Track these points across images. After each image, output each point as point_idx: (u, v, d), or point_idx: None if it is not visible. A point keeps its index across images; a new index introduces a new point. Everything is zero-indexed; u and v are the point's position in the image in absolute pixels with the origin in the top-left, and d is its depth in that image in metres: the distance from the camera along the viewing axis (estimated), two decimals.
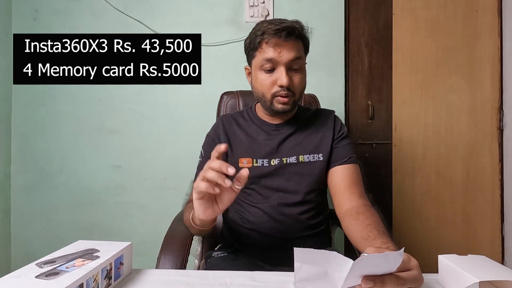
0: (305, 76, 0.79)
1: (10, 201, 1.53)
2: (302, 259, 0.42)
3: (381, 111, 1.51)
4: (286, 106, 0.77)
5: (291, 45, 0.74)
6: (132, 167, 1.51)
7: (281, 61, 0.73)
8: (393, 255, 0.39)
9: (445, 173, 1.49)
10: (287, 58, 0.73)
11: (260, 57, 0.75)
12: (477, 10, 1.48)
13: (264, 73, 0.76)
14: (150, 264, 0.67)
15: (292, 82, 0.75)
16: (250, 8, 1.47)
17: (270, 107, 0.78)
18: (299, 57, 0.75)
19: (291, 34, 0.73)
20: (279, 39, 0.72)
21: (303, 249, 0.41)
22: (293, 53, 0.74)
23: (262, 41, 0.74)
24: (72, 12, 1.51)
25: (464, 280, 0.43)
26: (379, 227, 0.63)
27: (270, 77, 0.76)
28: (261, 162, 0.79)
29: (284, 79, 0.73)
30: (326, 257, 0.41)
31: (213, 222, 0.66)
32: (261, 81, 0.77)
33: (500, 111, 1.48)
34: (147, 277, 0.54)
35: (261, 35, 0.74)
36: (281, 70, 0.74)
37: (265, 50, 0.74)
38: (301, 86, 0.78)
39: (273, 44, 0.73)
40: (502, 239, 1.48)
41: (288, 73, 0.74)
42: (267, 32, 0.73)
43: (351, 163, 0.79)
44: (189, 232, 0.75)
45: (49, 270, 0.43)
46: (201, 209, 0.55)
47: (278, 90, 0.75)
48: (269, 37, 0.73)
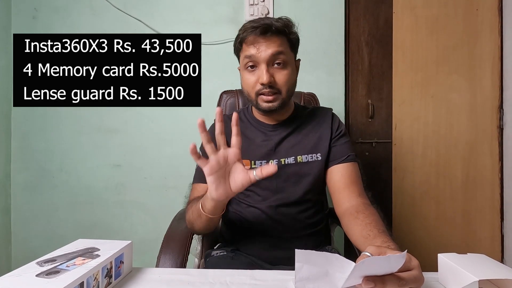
0: (292, 72, 0.77)
1: (10, 200, 1.53)
2: (303, 260, 0.42)
3: (381, 110, 1.51)
4: (272, 104, 0.76)
5: (270, 41, 0.73)
6: (132, 166, 1.51)
7: (260, 57, 0.73)
8: (395, 257, 0.39)
9: (445, 171, 1.49)
10: (266, 54, 0.73)
11: (243, 55, 0.76)
12: (478, 9, 1.47)
13: (248, 72, 0.76)
14: (150, 262, 0.67)
15: (275, 79, 0.74)
16: (250, 6, 1.46)
17: (257, 106, 0.78)
18: (280, 52, 0.73)
19: (267, 30, 0.72)
20: (256, 36, 0.73)
21: (304, 251, 0.41)
22: (272, 48, 0.73)
23: (242, 40, 0.75)
24: (71, 11, 1.51)
25: (464, 279, 0.43)
26: (379, 225, 0.63)
27: (253, 75, 0.75)
28: (259, 163, 0.78)
29: (264, 76, 0.73)
30: (328, 259, 0.41)
31: (223, 209, 0.66)
32: (246, 80, 0.77)
33: (500, 110, 1.48)
34: (147, 275, 0.54)
35: (242, 34, 0.75)
36: (262, 67, 0.74)
37: (245, 48, 0.75)
38: (288, 83, 0.76)
39: (251, 41, 0.74)
40: (501, 238, 1.48)
41: (270, 70, 0.74)
42: (246, 31, 0.74)
43: (350, 161, 0.78)
44: (189, 231, 0.75)
45: (50, 269, 0.43)
46: (213, 186, 0.56)
47: (261, 88, 0.75)
48: (247, 35, 0.74)
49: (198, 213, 0.67)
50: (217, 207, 0.63)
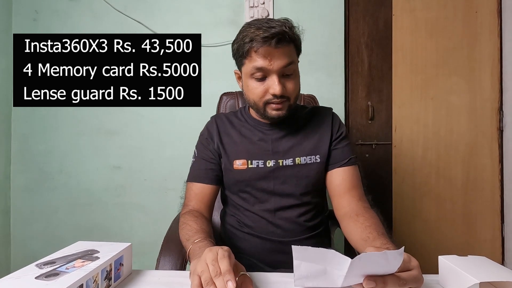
0: (298, 79, 0.76)
1: (10, 201, 1.52)
2: (301, 257, 0.43)
3: (381, 111, 1.51)
4: (281, 112, 0.74)
5: (282, 52, 0.69)
6: (132, 168, 1.51)
7: (272, 69, 0.69)
8: (392, 254, 0.39)
9: (445, 173, 1.49)
10: (279, 66, 0.69)
11: (250, 65, 0.71)
12: (477, 11, 1.48)
13: (255, 81, 0.72)
14: (150, 265, 0.67)
15: (286, 88, 0.72)
16: (250, 9, 1.47)
17: (264, 113, 0.75)
18: (291, 62, 0.71)
19: (282, 40, 0.68)
20: (269, 47, 0.67)
21: (301, 247, 0.42)
22: (285, 60, 0.69)
23: (250, 49, 0.69)
24: (72, 13, 1.51)
25: (464, 281, 0.43)
26: (378, 228, 0.62)
27: (262, 85, 0.72)
28: (256, 163, 0.77)
29: (277, 88, 0.69)
30: (324, 255, 0.42)
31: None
32: (252, 89, 0.73)
33: (500, 112, 1.48)
34: (147, 278, 0.53)
35: (250, 43, 0.69)
36: (273, 78, 0.70)
37: (255, 58, 0.70)
38: (296, 91, 0.75)
39: (263, 52, 0.68)
40: (502, 240, 1.48)
41: (281, 80, 0.71)
42: (255, 40, 0.68)
43: (351, 164, 0.77)
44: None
45: (49, 271, 0.43)
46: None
47: (271, 98, 0.72)
48: (258, 46, 0.68)
49: (185, 251, 0.63)
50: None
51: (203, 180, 0.79)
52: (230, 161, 0.78)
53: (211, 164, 0.80)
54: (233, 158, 0.78)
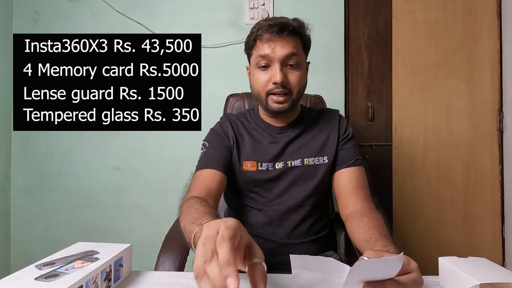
0: (304, 74, 0.77)
1: (10, 202, 1.52)
2: (299, 266, 0.42)
3: (381, 112, 1.51)
4: (282, 106, 0.74)
5: (285, 41, 0.72)
6: (132, 169, 1.51)
7: (275, 57, 0.72)
8: (391, 260, 0.39)
9: (445, 174, 1.49)
10: (281, 54, 0.72)
11: (256, 54, 0.75)
12: (477, 12, 1.48)
13: (260, 70, 0.75)
14: (149, 266, 0.67)
15: (288, 79, 0.73)
16: (250, 10, 1.47)
17: (266, 106, 0.76)
18: (295, 53, 0.73)
19: (284, 29, 0.72)
20: (272, 35, 0.72)
21: (299, 256, 0.40)
22: (287, 49, 0.72)
23: (257, 37, 0.74)
24: (72, 15, 1.52)
25: (465, 282, 0.43)
26: (381, 230, 0.62)
27: (265, 74, 0.74)
28: (266, 166, 0.78)
29: (278, 75, 0.71)
30: (323, 263, 0.41)
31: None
32: (257, 79, 0.76)
33: (500, 113, 1.48)
34: (146, 279, 0.53)
35: (256, 32, 0.74)
36: (275, 66, 0.72)
37: (259, 46, 0.74)
38: (299, 84, 0.75)
39: (266, 39, 0.72)
40: (502, 241, 1.48)
41: (283, 70, 0.73)
42: (261, 29, 0.73)
43: (357, 165, 0.78)
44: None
45: (49, 272, 0.43)
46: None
47: (273, 87, 0.73)
48: (263, 33, 0.73)
49: (187, 239, 0.54)
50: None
51: (215, 166, 0.75)
52: (240, 161, 0.79)
53: (224, 154, 0.78)
54: (243, 159, 0.79)
